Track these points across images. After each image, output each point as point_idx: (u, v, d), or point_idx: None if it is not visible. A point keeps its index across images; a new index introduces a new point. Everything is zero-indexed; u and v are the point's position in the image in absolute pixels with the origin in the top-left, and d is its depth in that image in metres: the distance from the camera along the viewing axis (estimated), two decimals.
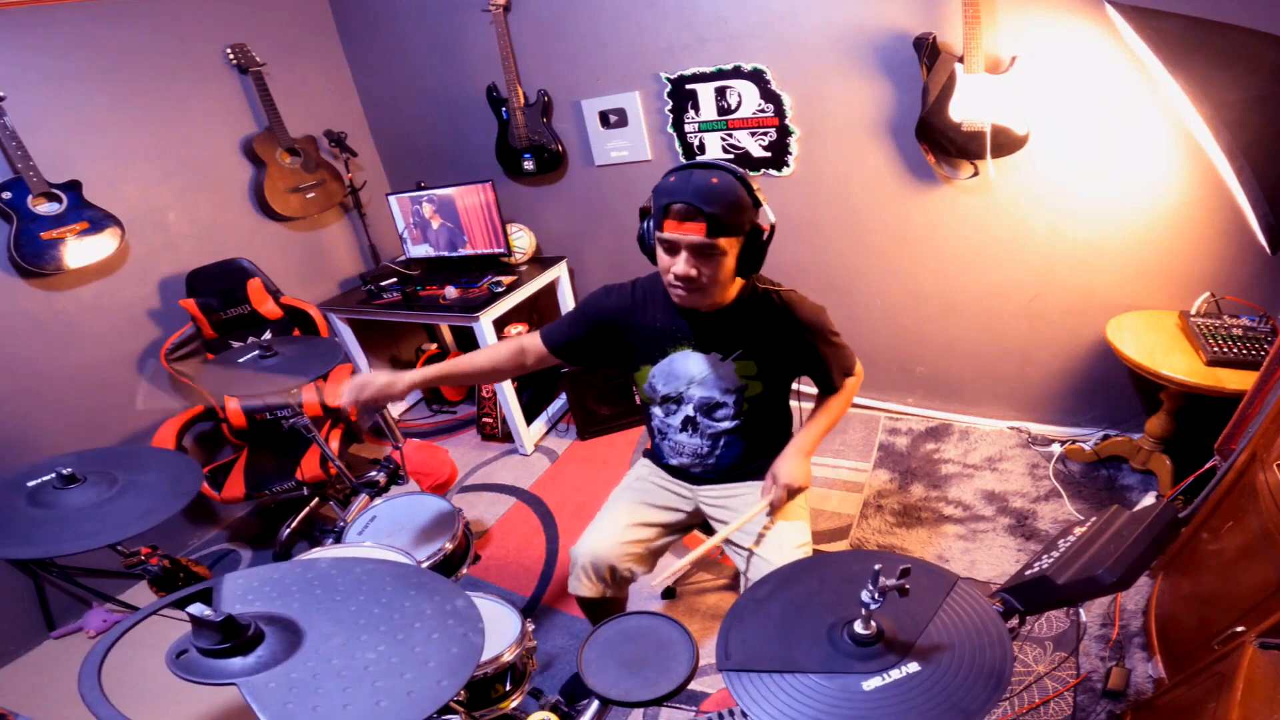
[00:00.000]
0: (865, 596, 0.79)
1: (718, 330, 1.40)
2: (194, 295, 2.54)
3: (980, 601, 0.88)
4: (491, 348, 1.57)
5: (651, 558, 1.57)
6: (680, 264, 1.24)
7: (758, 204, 1.26)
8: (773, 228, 1.30)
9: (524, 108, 2.80)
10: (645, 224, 1.32)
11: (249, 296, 2.63)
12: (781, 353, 1.40)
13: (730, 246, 1.24)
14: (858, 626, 0.82)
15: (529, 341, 1.54)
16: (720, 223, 1.20)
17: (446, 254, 3.04)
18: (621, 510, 1.56)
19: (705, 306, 1.37)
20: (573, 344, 1.52)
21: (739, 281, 1.38)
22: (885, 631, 0.82)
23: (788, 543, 1.42)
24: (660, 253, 1.28)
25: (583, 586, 1.49)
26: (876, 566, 0.78)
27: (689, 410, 1.48)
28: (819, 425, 1.48)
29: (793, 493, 1.40)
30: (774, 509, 1.42)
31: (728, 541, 1.53)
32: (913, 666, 0.79)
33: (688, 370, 1.44)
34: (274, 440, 2.56)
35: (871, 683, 0.78)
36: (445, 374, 1.55)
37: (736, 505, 1.53)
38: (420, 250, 3.10)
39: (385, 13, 2.95)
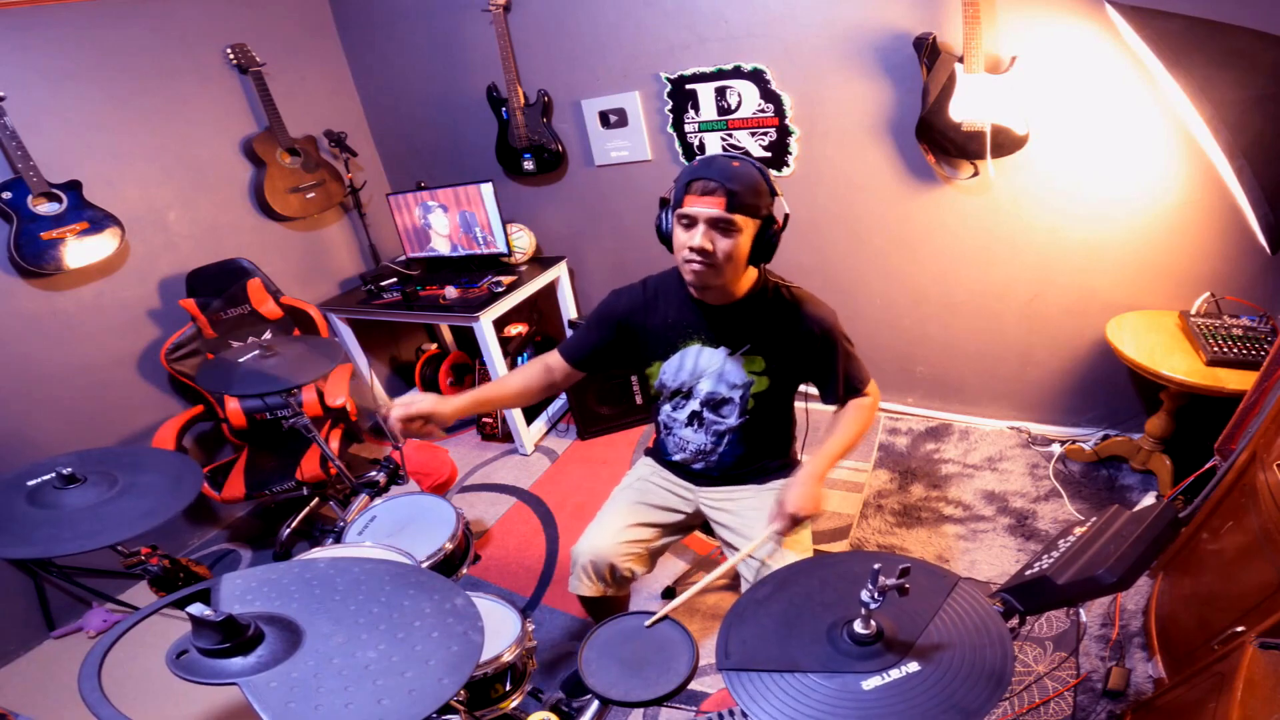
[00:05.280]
0: (865, 596, 0.79)
1: (728, 324, 1.41)
2: (194, 295, 2.55)
3: (981, 601, 0.88)
4: (520, 371, 1.57)
5: (651, 557, 1.57)
6: (697, 236, 1.25)
7: (774, 193, 1.29)
8: (786, 218, 1.32)
9: (524, 108, 2.80)
10: (664, 211, 1.34)
11: (249, 296, 2.63)
12: (788, 349, 1.40)
13: (746, 226, 1.26)
14: (857, 626, 0.82)
15: (552, 360, 1.56)
16: (739, 200, 1.22)
17: (466, 252, 3.02)
18: (622, 510, 1.56)
19: (716, 297, 1.38)
20: (594, 353, 1.53)
21: (751, 276, 1.38)
22: (885, 631, 0.82)
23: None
24: (678, 231, 1.29)
25: (583, 586, 1.50)
26: (876, 566, 0.78)
27: (696, 404, 1.48)
28: (832, 447, 1.40)
29: (798, 521, 1.33)
30: (781, 536, 1.36)
31: (727, 545, 1.53)
32: (913, 666, 0.79)
33: (697, 364, 1.45)
34: (274, 440, 2.56)
35: (871, 682, 0.78)
36: (484, 400, 1.52)
37: (737, 509, 1.53)
38: (437, 247, 3.08)
39: (385, 13, 2.95)
